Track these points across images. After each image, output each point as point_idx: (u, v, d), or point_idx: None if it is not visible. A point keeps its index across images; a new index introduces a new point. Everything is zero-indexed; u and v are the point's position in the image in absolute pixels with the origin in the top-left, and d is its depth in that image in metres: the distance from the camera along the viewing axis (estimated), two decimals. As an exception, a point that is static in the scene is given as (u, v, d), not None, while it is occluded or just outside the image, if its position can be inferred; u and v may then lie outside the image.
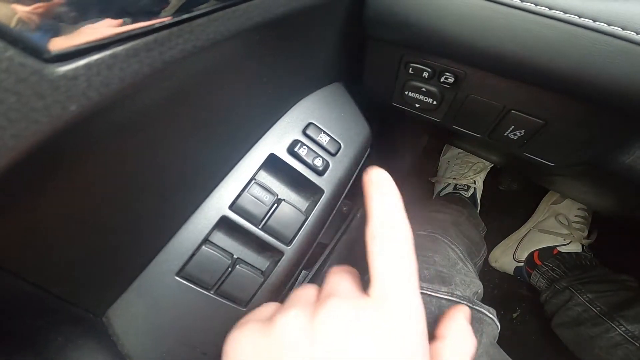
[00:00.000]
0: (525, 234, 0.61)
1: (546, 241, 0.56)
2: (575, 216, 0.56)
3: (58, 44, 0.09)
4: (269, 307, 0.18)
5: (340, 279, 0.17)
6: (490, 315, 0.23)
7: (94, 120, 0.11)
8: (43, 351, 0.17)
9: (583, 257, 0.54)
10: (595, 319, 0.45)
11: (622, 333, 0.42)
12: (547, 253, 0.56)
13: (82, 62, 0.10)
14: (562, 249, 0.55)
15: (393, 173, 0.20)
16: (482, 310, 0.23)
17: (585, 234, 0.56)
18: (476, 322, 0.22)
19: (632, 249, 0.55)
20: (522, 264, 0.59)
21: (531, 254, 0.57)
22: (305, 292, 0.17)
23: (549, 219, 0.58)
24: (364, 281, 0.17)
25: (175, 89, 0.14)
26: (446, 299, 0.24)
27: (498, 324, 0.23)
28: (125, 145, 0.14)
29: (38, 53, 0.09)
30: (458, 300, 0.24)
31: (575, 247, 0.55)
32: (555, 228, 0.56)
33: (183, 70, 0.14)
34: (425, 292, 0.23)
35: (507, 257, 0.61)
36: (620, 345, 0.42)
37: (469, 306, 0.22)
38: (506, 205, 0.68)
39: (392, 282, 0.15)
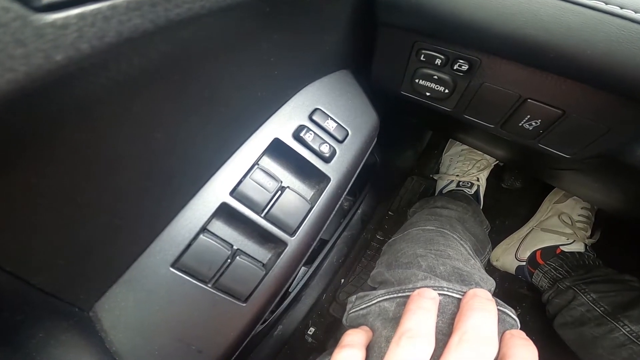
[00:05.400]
0: (528, 233, 0.60)
1: (549, 240, 0.56)
2: (579, 215, 0.56)
3: None
4: None
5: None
6: (513, 316, 0.22)
7: (85, 76, 0.10)
8: (23, 347, 0.16)
9: (586, 257, 0.53)
10: (599, 319, 0.44)
11: (626, 333, 0.41)
12: (550, 252, 0.55)
13: (75, 11, 0.09)
14: (565, 249, 0.54)
15: (394, 170, 0.20)
16: (506, 310, 0.22)
17: (589, 233, 0.55)
18: (500, 323, 0.21)
19: (635, 249, 0.55)
20: (524, 263, 0.58)
21: (533, 253, 0.57)
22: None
23: (552, 218, 0.58)
24: None
25: (178, 55, 0.13)
26: None
27: (519, 323, 0.22)
28: (118, 113, 0.12)
29: (27, 0, 0.08)
30: None
31: (578, 247, 0.54)
32: (559, 227, 0.56)
33: (187, 33, 0.12)
34: (446, 293, 0.22)
35: (509, 256, 0.60)
36: (625, 345, 0.41)
37: None
38: (509, 203, 0.67)
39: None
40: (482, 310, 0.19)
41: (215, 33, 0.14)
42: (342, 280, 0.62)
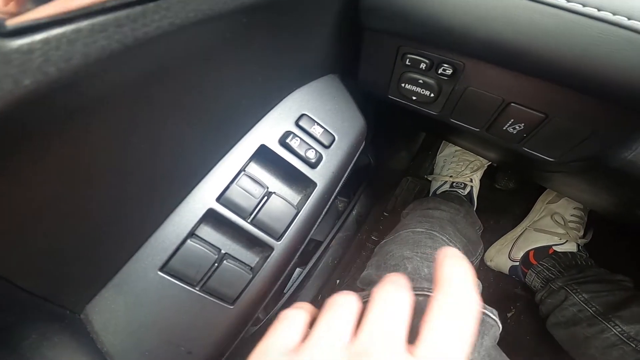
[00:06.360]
0: (521, 233, 0.60)
1: (542, 240, 0.56)
2: (571, 215, 0.56)
3: (16, 19, 0.09)
4: (293, 329, 0.16)
5: (387, 317, 0.15)
6: (493, 317, 0.22)
7: (57, 97, 0.10)
8: (16, 349, 0.16)
9: (579, 257, 0.53)
10: (590, 319, 0.45)
11: (617, 333, 0.42)
12: (543, 252, 0.56)
13: (39, 36, 0.09)
14: (558, 249, 0.55)
15: (389, 171, 0.20)
16: (485, 311, 0.22)
17: (581, 233, 0.56)
18: (480, 324, 0.21)
19: (627, 249, 0.55)
20: (517, 263, 0.59)
21: (527, 253, 0.57)
22: (340, 324, 0.15)
23: (545, 218, 0.58)
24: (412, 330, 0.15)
25: (153, 70, 0.13)
26: None
27: (500, 325, 0.22)
28: (98, 127, 0.13)
29: None
30: None
31: (571, 247, 0.54)
32: (551, 227, 0.56)
33: (161, 49, 0.13)
34: (426, 293, 0.22)
35: (503, 256, 0.61)
36: (616, 345, 0.41)
37: None
38: (502, 204, 0.68)
39: (443, 349, 0.14)
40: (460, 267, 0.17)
41: (190, 46, 0.14)
42: (338, 281, 0.63)
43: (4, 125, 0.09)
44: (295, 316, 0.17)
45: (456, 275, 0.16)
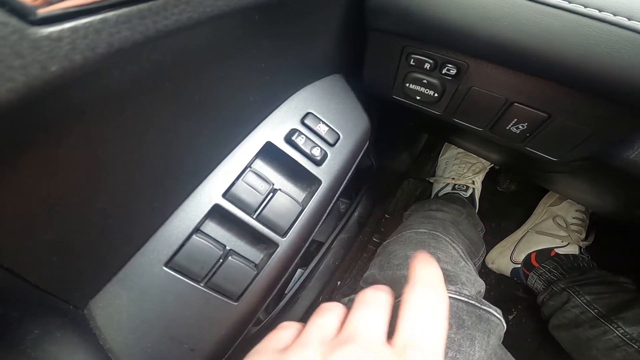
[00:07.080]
0: (523, 236, 0.60)
1: (544, 243, 0.56)
2: (573, 218, 0.56)
3: (47, 8, 0.09)
4: (286, 333, 0.18)
5: (368, 315, 0.17)
6: (498, 315, 0.22)
7: (79, 85, 0.10)
8: (17, 344, 0.16)
9: (580, 259, 0.53)
10: (593, 320, 0.44)
11: (620, 335, 0.42)
12: (545, 255, 0.56)
13: (68, 24, 0.09)
14: (560, 251, 0.55)
15: (391, 173, 0.20)
16: (490, 310, 0.22)
17: (583, 236, 0.56)
18: (484, 322, 0.21)
19: (629, 251, 0.56)
20: (519, 266, 0.58)
21: (528, 256, 0.57)
22: (326, 325, 0.17)
23: (547, 221, 0.58)
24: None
25: (169, 63, 0.14)
26: (454, 298, 0.23)
27: (505, 324, 0.22)
28: (112, 119, 0.13)
29: (23, 15, 0.09)
30: (467, 299, 0.24)
31: (572, 249, 0.55)
32: (553, 230, 0.56)
33: (177, 43, 0.13)
34: None
35: (505, 258, 0.61)
36: (619, 347, 0.41)
37: (477, 306, 0.21)
38: (504, 206, 0.68)
39: (420, 337, 0.15)
40: (431, 264, 0.19)
41: (204, 42, 0.14)
42: (339, 283, 0.63)
43: (25, 112, 0.09)
44: (290, 325, 0.19)
45: (425, 274, 0.17)
